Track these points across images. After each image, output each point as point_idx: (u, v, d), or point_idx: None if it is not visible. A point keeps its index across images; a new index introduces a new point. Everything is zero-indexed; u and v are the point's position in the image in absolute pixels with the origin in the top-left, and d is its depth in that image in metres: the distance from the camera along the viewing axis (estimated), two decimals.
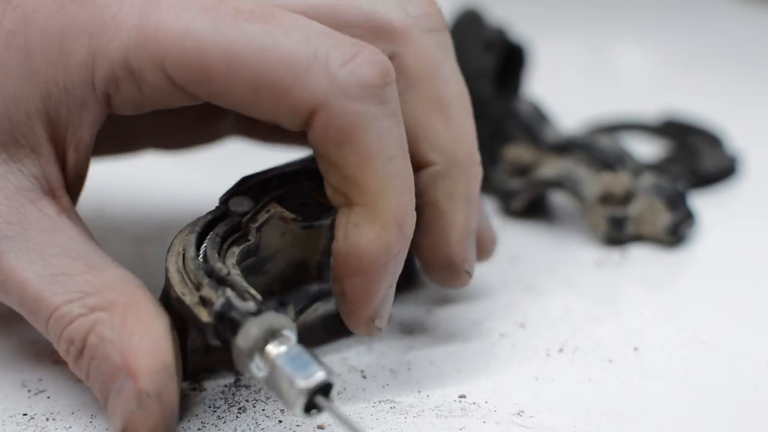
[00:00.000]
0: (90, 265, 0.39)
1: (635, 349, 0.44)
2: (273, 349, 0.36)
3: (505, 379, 0.42)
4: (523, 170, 0.55)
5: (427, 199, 0.42)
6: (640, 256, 0.52)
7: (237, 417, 0.40)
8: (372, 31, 0.41)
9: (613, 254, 0.52)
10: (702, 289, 0.50)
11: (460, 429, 0.39)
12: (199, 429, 0.39)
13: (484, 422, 0.40)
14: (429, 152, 0.42)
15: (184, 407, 0.40)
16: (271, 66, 0.37)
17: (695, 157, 0.60)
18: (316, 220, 0.41)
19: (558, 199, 0.56)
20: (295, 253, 0.43)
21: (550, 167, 0.54)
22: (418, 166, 0.41)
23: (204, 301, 0.38)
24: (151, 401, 0.37)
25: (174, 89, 0.38)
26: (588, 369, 0.43)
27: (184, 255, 0.39)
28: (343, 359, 0.44)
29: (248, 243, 0.40)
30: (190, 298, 0.38)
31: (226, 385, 0.42)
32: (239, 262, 0.40)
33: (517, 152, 0.55)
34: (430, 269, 0.43)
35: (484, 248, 0.46)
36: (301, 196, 0.42)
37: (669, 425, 0.40)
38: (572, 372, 0.43)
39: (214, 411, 0.40)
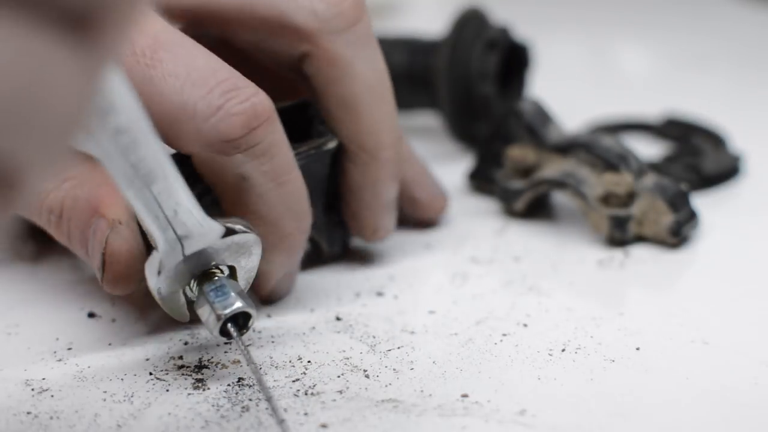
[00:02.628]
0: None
1: (637, 348, 0.44)
2: (205, 277, 0.41)
3: (507, 378, 0.42)
4: (526, 171, 0.55)
5: (343, 180, 0.48)
6: (643, 256, 0.52)
7: (240, 416, 0.40)
8: (283, 32, 0.46)
9: (616, 254, 0.52)
10: (704, 289, 0.50)
11: (463, 428, 0.39)
12: (202, 427, 0.39)
13: (486, 422, 0.40)
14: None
15: (188, 406, 0.41)
16: (153, 115, 0.37)
17: (697, 158, 0.60)
18: None
19: (560, 199, 0.56)
20: None
21: (553, 167, 0.54)
22: None
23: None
24: (123, 227, 0.42)
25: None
26: (590, 369, 0.43)
27: None
28: (345, 359, 0.44)
29: (200, 187, 0.43)
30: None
31: (229, 384, 0.42)
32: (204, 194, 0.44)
33: (520, 152, 0.55)
34: (356, 232, 0.50)
35: (432, 207, 0.53)
36: None
37: (671, 425, 0.40)
38: (574, 372, 0.43)
39: (218, 410, 0.41)
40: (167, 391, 0.42)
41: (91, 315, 0.47)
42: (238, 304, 0.40)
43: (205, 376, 0.43)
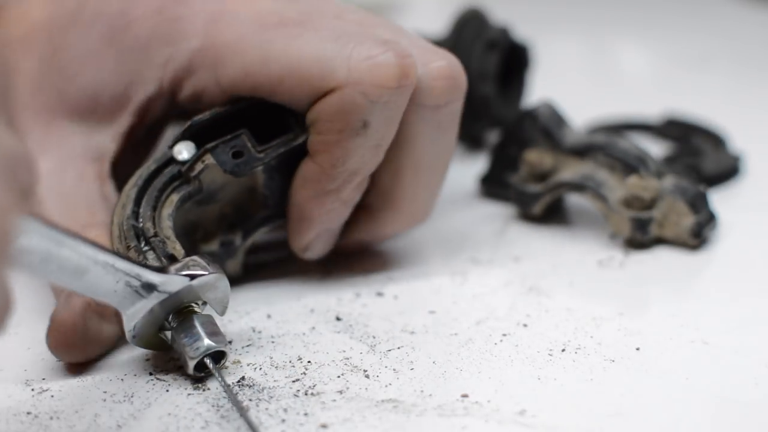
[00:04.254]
0: (90, 209, 0.46)
1: (637, 349, 0.44)
2: (173, 320, 0.42)
3: (507, 378, 0.42)
4: (542, 175, 0.54)
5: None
6: (642, 256, 0.52)
7: (240, 416, 0.40)
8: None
9: (616, 254, 0.52)
10: (704, 289, 0.50)
11: (463, 428, 0.39)
12: (202, 427, 0.39)
13: (486, 422, 0.40)
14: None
15: (188, 406, 0.41)
16: (297, 61, 0.44)
17: (697, 158, 0.60)
18: (245, 171, 0.46)
19: (568, 200, 0.56)
20: (242, 182, 0.47)
21: (571, 170, 0.54)
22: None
23: None
24: (75, 299, 0.42)
25: (219, 90, 0.46)
26: (590, 369, 0.43)
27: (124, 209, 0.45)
28: (345, 359, 0.44)
29: (188, 189, 0.46)
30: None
31: (229, 385, 0.42)
32: (182, 203, 0.45)
33: (537, 156, 0.54)
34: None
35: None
36: (236, 145, 0.46)
37: (671, 425, 0.40)
38: (574, 372, 0.43)
39: (218, 410, 0.41)
40: (167, 391, 0.42)
41: None
42: (207, 344, 0.41)
43: (205, 376, 0.43)
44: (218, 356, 0.42)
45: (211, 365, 0.41)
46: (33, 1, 0.49)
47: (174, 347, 0.42)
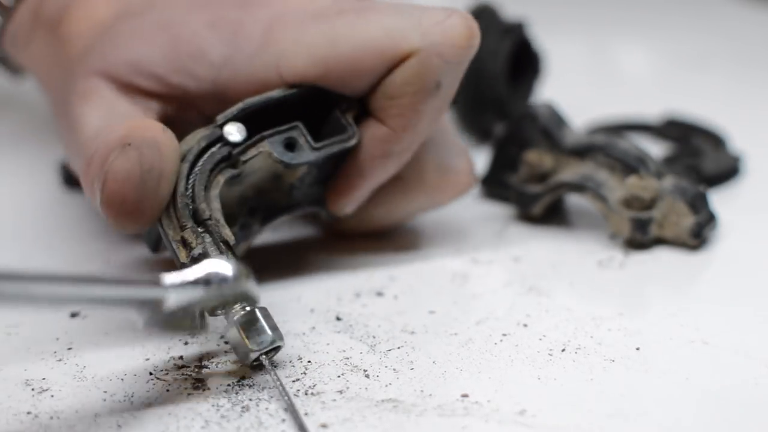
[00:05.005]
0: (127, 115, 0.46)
1: (637, 349, 0.44)
2: (236, 309, 0.41)
3: (507, 378, 0.42)
4: (542, 175, 0.54)
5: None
6: (642, 256, 0.52)
7: (240, 416, 0.40)
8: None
9: (616, 254, 0.52)
10: (703, 289, 0.50)
11: (463, 428, 0.39)
12: (202, 427, 0.40)
13: (486, 422, 0.40)
14: None
15: (188, 406, 0.41)
16: (367, 36, 0.46)
17: (697, 158, 0.60)
18: (299, 163, 0.46)
19: (568, 201, 0.56)
20: (274, 168, 0.47)
21: (571, 171, 0.54)
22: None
23: (185, 243, 0.42)
24: (131, 150, 0.42)
25: (281, 83, 0.47)
26: (590, 369, 0.43)
27: (175, 187, 0.44)
28: (345, 359, 0.44)
29: (234, 172, 0.45)
30: (173, 235, 0.43)
31: (229, 384, 0.42)
32: (223, 186, 0.45)
33: (537, 157, 0.54)
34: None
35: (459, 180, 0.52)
36: (291, 136, 0.46)
37: (671, 425, 0.40)
38: (574, 372, 0.43)
39: (218, 410, 0.41)
40: (167, 391, 0.42)
41: (73, 315, 0.47)
42: (271, 340, 0.42)
43: (205, 376, 0.43)
44: (272, 352, 0.42)
45: (266, 362, 0.42)
46: (100, 2, 0.50)
47: (228, 336, 0.42)
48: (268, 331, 0.42)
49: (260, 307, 0.42)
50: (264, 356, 0.42)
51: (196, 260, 0.42)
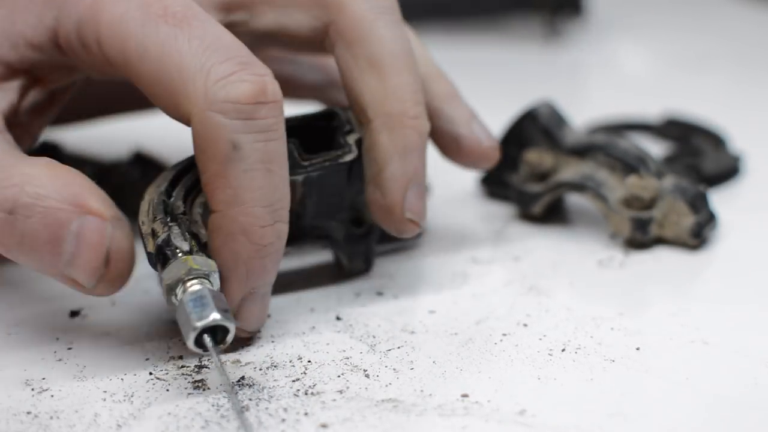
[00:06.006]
0: (8, 153, 0.43)
1: (637, 349, 0.44)
2: (189, 286, 0.41)
3: (507, 378, 0.42)
4: (542, 175, 0.54)
5: (369, 155, 0.47)
6: (642, 256, 0.52)
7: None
8: (310, 3, 0.47)
9: (616, 254, 0.52)
10: (704, 289, 0.50)
11: (463, 428, 0.39)
12: (202, 427, 0.39)
13: (486, 421, 0.40)
14: (364, 110, 0.47)
15: (188, 406, 0.41)
16: (167, 68, 0.42)
17: (697, 158, 0.60)
18: (290, 174, 0.44)
19: (568, 200, 0.56)
20: None
21: (571, 170, 0.54)
22: (359, 123, 0.47)
23: (153, 233, 0.42)
24: (122, 223, 0.42)
25: (107, 62, 0.44)
26: (590, 369, 0.43)
27: (156, 187, 0.44)
28: (346, 359, 0.44)
29: None
30: (145, 228, 0.43)
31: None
32: None
33: (537, 156, 0.54)
34: (379, 220, 0.48)
35: (480, 149, 0.50)
36: None
37: (671, 425, 0.40)
38: (574, 372, 0.43)
39: (218, 410, 0.41)
40: (167, 391, 0.42)
41: (73, 315, 0.47)
42: (215, 316, 0.40)
43: (205, 376, 0.43)
44: (219, 337, 0.41)
45: (209, 343, 0.40)
46: None
47: (176, 314, 0.41)
48: (214, 309, 0.40)
49: (213, 290, 0.41)
50: (209, 337, 0.40)
51: (159, 247, 0.42)
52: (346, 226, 0.49)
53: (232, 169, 0.42)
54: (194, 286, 0.41)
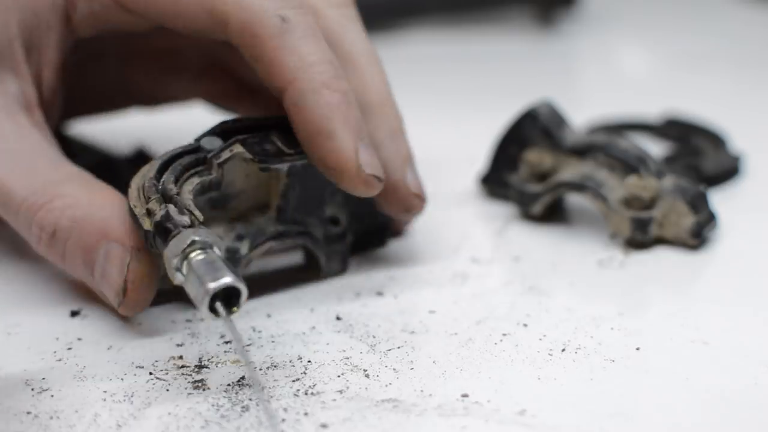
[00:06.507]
0: (52, 163, 0.46)
1: (637, 349, 0.44)
2: (196, 255, 0.41)
3: (507, 378, 0.42)
4: (542, 174, 0.54)
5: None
6: (642, 256, 0.52)
7: (240, 416, 0.40)
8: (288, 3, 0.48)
9: (616, 254, 0.52)
10: (704, 289, 0.50)
11: (463, 428, 0.39)
12: (202, 427, 0.40)
13: (486, 421, 0.40)
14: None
15: (188, 406, 0.41)
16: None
17: (697, 158, 0.60)
18: (273, 163, 0.46)
19: (568, 200, 0.56)
20: (258, 196, 0.47)
21: (570, 170, 0.54)
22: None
23: (149, 212, 0.43)
24: (143, 254, 0.44)
25: (118, 7, 0.46)
26: (590, 369, 0.43)
27: (146, 173, 0.45)
28: (345, 359, 0.44)
29: (210, 177, 0.45)
30: (139, 210, 0.43)
31: (229, 384, 0.42)
32: (200, 193, 0.45)
33: (537, 156, 0.54)
34: (385, 202, 0.49)
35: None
36: (266, 142, 0.47)
37: (671, 425, 0.40)
38: (574, 372, 0.43)
39: (218, 410, 0.41)
40: (167, 391, 0.42)
41: (73, 314, 0.47)
42: (228, 279, 0.40)
43: (205, 376, 0.43)
44: (230, 302, 0.40)
45: (222, 310, 0.40)
46: None
47: (185, 282, 0.41)
48: (227, 271, 0.40)
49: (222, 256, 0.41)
50: (221, 305, 0.40)
51: (159, 223, 0.42)
52: (324, 226, 0.49)
53: (290, 38, 0.45)
54: (201, 255, 0.41)
